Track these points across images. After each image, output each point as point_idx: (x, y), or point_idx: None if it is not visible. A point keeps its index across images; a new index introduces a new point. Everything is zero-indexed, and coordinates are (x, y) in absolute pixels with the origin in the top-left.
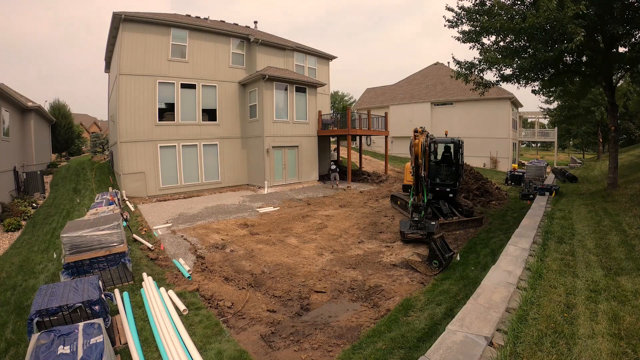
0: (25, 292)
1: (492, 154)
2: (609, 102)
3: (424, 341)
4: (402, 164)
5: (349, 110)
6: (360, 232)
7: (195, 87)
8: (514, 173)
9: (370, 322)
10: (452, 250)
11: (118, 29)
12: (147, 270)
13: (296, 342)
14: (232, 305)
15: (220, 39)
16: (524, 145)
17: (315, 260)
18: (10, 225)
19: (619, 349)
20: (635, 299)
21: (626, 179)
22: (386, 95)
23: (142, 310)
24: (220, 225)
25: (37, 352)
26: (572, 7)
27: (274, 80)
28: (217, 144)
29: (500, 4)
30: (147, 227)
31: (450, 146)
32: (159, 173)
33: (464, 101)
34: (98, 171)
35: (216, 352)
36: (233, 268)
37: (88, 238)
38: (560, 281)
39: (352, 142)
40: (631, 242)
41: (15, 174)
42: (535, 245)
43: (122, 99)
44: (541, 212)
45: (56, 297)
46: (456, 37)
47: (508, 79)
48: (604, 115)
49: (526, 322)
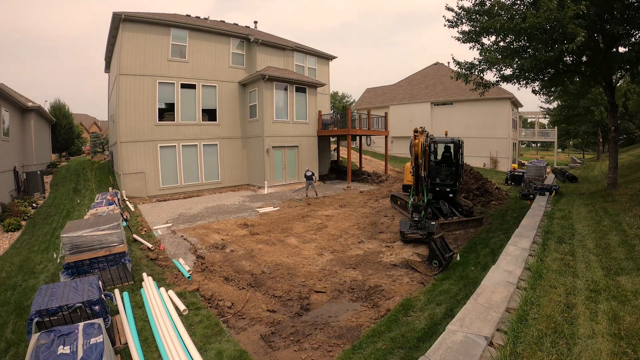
0: (25, 292)
1: (492, 154)
2: (609, 102)
3: (424, 341)
4: (402, 164)
5: (349, 110)
6: (360, 232)
7: (195, 87)
8: (514, 173)
9: (370, 322)
10: (452, 250)
11: (118, 29)
12: (147, 270)
13: (296, 342)
14: (232, 305)
15: (220, 39)
16: (524, 145)
17: (315, 260)
18: (10, 226)
19: (619, 349)
20: (635, 299)
21: (626, 179)
22: (386, 95)
23: (142, 310)
24: (220, 225)
25: (37, 352)
26: (573, 7)
27: (274, 80)
28: (217, 144)
29: (500, 4)
30: (147, 227)
31: (450, 146)
32: (159, 173)
33: (464, 101)
34: (98, 171)
35: (216, 352)
36: (233, 268)
37: (88, 238)
38: (560, 281)
39: (352, 142)
40: (631, 242)
41: (15, 174)
42: (535, 245)
43: (122, 99)
44: (541, 212)
45: (56, 297)
46: (456, 37)
47: (508, 79)
48: (603, 115)
49: (526, 322)
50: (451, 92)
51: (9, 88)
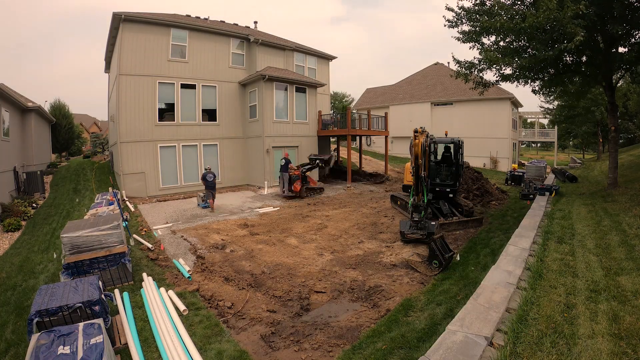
0: (25, 293)
1: (492, 154)
2: (609, 102)
3: (424, 341)
4: (402, 164)
5: (349, 110)
6: (360, 232)
7: (195, 87)
8: (514, 173)
9: (370, 322)
10: (452, 250)
11: (118, 29)
12: (147, 271)
13: (296, 342)
14: (232, 306)
15: (220, 39)
16: (524, 145)
17: (315, 261)
18: (10, 226)
19: (619, 349)
20: (635, 299)
21: (626, 179)
22: (386, 95)
23: (142, 311)
24: (220, 225)
25: (37, 352)
26: (572, 7)
27: (274, 80)
28: (217, 144)
29: (500, 4)
30: (147, 227)
31: (450, 146)
32: (159, 173)
33: (464, 101)
34: (98, 171)
35: (216, 352)
36: (233, 268)
37: (88, 238)
38: (560, 281)
39: (352, 142)
40: (631, 242)
41: (15, 174)
42: (535, 245)
43: (122, 99)
44: (541, 212)
45: (56, 298)
46: (456, 37)
47: (508, 78)
48: (604, 115)
49: (526, 322)
50: (451, 92)
51: (9, 88)
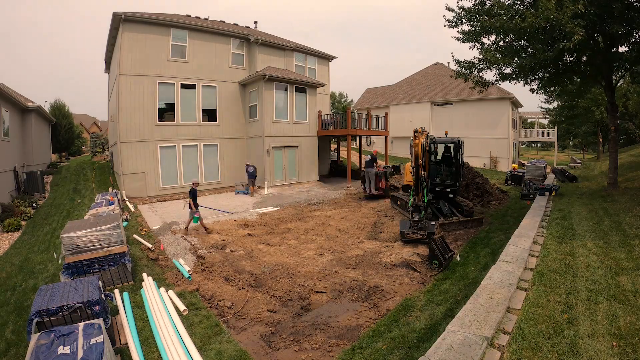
0: (25, 292)
1: (492, 154)
2: (609, 102)
3: (424, 341)
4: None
5: (349, 111)
6: (360, 232)
7: (195, 87)
8: (514, 173)
9: (370, 322)
10: (452, 250)
11: (118, 29)
12: (147, 271)
13: (296, 342)
14: (232, 306)
15: (220, 39)
16: (524, 145)
17: (315, 261)
18: (10, 226)
19: (619, 349)
20: (635, 299)
21: (626, 179)
22: (386, 95)
23: (142, 311)
24: (220, 225)
25: (37, 352)
26: (571, 7)
27: (274, 80)
28: (217, 144)
29: (500, 4)
30: (147, 228)
31: (450, 146)
32: (159, 173)
33: (464, 101)
34: (98, 171)
35: (216, 352)
36: (233, 268)
37: (88, 238)
38: (560, 281)
39: (352, 142)
40: (631, 242)
41: (15, 174)
42: (535, 245)
43: (122, 99)
44: (541, 212)
45: (56, 298)
46: (456, 37)
47: (507, 77)
48: (604, 115)
49: (526, 322)
50: (451, 92)
51: (9, 88)
